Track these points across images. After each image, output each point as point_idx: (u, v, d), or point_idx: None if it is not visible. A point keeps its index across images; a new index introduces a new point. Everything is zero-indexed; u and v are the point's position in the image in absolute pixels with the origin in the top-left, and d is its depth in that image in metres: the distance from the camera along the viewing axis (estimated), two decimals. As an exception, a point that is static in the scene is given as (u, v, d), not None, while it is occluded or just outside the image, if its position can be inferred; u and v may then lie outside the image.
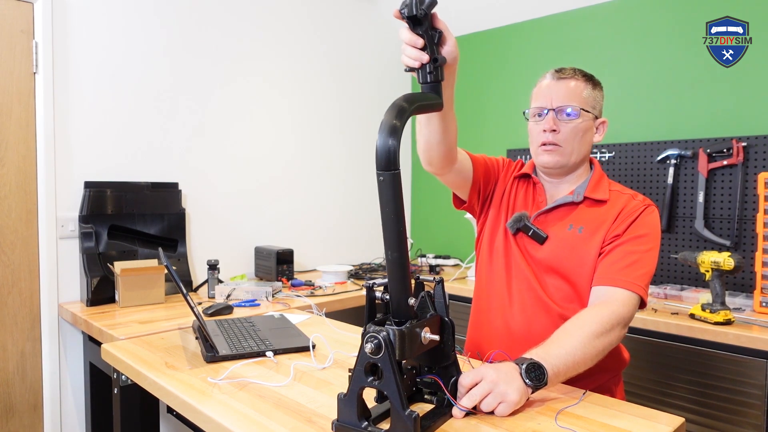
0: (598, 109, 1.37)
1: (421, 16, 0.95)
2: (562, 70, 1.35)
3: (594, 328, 1.11)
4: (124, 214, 2.26)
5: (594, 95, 1.35)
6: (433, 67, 1.01)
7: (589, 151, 1.38)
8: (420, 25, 0.98)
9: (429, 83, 1.02)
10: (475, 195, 1.44)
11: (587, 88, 1.34)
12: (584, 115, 1.32)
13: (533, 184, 1.42)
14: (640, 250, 1.23)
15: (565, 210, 1.35)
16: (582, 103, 1.32)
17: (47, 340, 2.15)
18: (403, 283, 0.90)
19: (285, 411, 1.05)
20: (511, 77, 3.08)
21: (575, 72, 1.35)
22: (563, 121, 1.31)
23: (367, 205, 3.36)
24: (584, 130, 1.33)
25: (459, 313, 2.54)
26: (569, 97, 1.31)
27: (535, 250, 1.34)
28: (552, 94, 1.33)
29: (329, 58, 3.13)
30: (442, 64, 1.02)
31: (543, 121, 1.33)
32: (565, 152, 1.32)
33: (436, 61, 1.01)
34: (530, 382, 1.00)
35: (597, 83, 1.37)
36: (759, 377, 1.75)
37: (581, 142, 1.33)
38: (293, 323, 1.69)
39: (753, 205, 2.22)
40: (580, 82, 1.34)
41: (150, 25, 2.39)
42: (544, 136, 1.32)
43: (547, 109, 1.32)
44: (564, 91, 1.32)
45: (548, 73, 1.37)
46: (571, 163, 1.34)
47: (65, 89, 2.16)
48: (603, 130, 1.38)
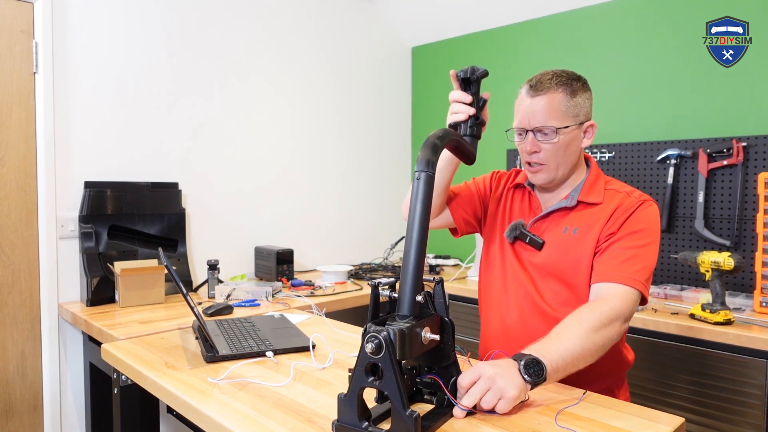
0: (583, 115, 1.30)
1: (473, 80, 1.20)
2: (537, 84, 1.28)
3: (592, 323, 1.11)
4: (124, 214, 2.26)
5: (575, 103, 1.28)
6: (474, 122, 1.19)
7: (577, 159, 1.34)
8: (469, 89, 1.21)
9: (467, 136, 1.20)
10: (465, 224, 1.49)
11: (565, 99, 1.27)
12: (563, 131, 1.27)
13: (528, 193, 1.43)
14: (637, 245, 1.23)
15: (560, 214, 1.35)
16: (560, 119, 1.26)
17: (47, 340, 2.15)
18: (416, 279, 0.93)
19: (285, 411, 1.05)
20: (511, 77, 3.08)
21: (551, 81, 1.27)
22: (542, 142, 1.28)
23: (367, 204, 3.36)
24: (566, 144, 1.29)
25: (459, 313, 2.54)
26: (546, 117, 1.26)
27: (532, 256, 1.35)
28: (528, 113, 1.28)
29: (329, 59, 3.13)
30: (483, 123, 1.20)
31: (524, 143, 1.32)
32: (550, 169, 1.31)
33: (478, 119, 1.19)
34: (529, 378, 1.00)
35: (578, 88, 1.29)
36: (759, 377, 1.75)
37: (566, 155, 1.30)
38: (293, 323, 1.69)
39: (753, 205, 2.22)
40: (558, 94, 1.26)
41: (150, 25, 2.39)
42: (527, 156, 1.32)
43: (525, 130, 1.30)
44: (540, 109, 1.26)
45: (524, 86, 1.31)
46: (560, 177, 1.33)
47: (65, 89, 2.16)
48: (592, 133, 1.33)
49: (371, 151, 3.38)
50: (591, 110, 1.34)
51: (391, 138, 3.47)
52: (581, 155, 1.37)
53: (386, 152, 3.44)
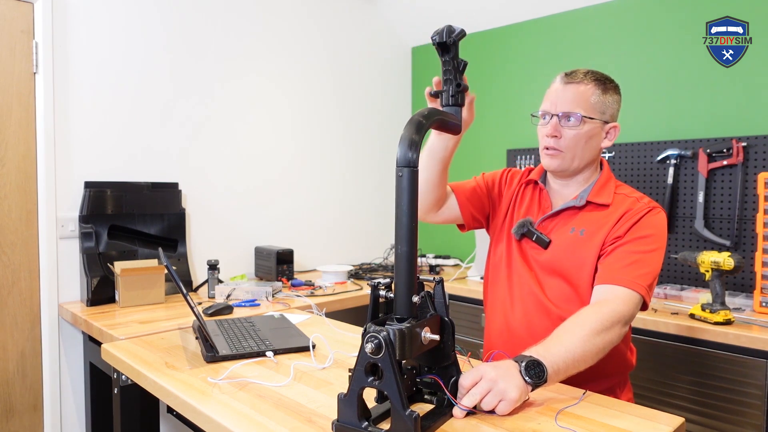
0: (609, 114, 1.33)
1: (450, 44, 1.07)
2: (573, 73, 1.32)
3: (594, 325, 1.12)
4: (124, 214, 2.26)
5: (604, 100, 1.31)
6: (455, 91, 1.10)
7: (595, 156, 1.36)
8: (448, 53, 1.10)
9: (450, 105, 1.12)
10: (472, 220, 1.49)
11: (596, 93, 1.30)
12: (588, 122, 1.30)
13: (539, 190, 1.43)
14: (643, 251, 1.23)
15: (568, 214, 1.36)
16: (588, 109, 1.29)
17: (47, 340, 2.15)
18: (410, 279, 0.91)
19: (285, 411, 1.05)
20: (511, 77, 3.08)
21: (586, 75, 1.31)
22: (566, 128, 1.30)
23: (367, 204, 3.36)
24: (588, 137, 1.30)
25: (459, 313, 2.55)
26: (574, 104, 1.29)
27: (538, 254, 1.36)
28: (558, 99, 1.31)
29: (329, 59, 3.13)
30: (464, 89, 1.11)
31: (547, 126, 1.33)
32: (566, 157, 1.32)
33: (459, 86, 1.10)
34: (530, 380, 1.00)
35: (610, 87, 1.33)
36: (759, 377, 1.75)
37: (585, 148, 1.31)
38: (293, 323, 1.69)
39: (753, 205, 2.22)
40: (590, 86, 1.30)
41: (150, 25, 2.39)
42: (547, 141, 1.32)
43: (551, 114, 1.32)
44: (570, 96, 1.30)
45: (559, 75, 1.35)
46: (573, 168, 1.34)
47: (65, 89, 2.16)
48: (614, 135, 1.35)
49: (371, 151, 3.38)
50: (618, 114, 1.36)
51: (391, 138, 3.46)
52: (599, 155, 1.38)
53: (386, 152, 3.43)
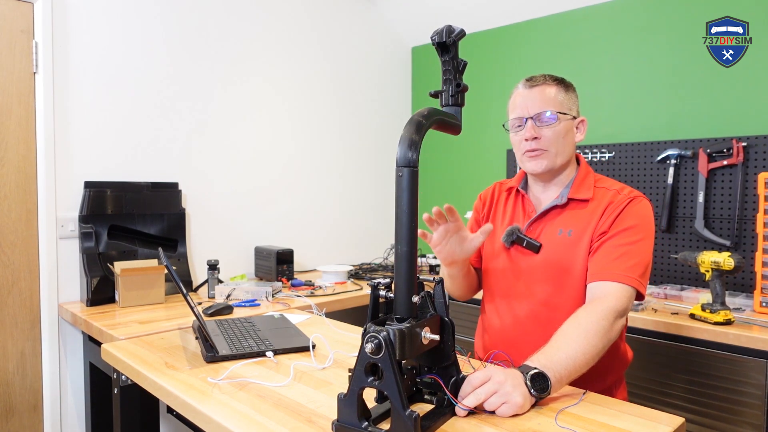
0: (575, 110, 1.39)
1: (450, 44, 1.05)
2: (532, 78, 1.38)
3: (591, 327, 1.12)
4: (124, 214, 2.26)
5: (568, 98, 1.36)
6: (455, 91, 1.08)
7: (572, 152, 1.39)
8: (447, 53, 1.07)
9: (450, 105, 1.10)
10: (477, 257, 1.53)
11: (560, 92, 1.35)
12: (562, 118, 1.34)
13: (521, 197, 1.45)
14: (629, 242, 1.24)
15: (553, 214, 1.37)
16: (558, 106, 1.34)
17: (47, 340, 2.15)
18: (409, 279, 0.92)
19: (285, 411, 1.05)
20: (511, 77, 3.08)
21: (546, 78, 1.37)
22: (543, 127, 1.33)
23: (366, 205, 3.36)
24: (565, 132, 1.34)
25: (459, 313, 2.55)
26: (544, 104, 1.33)
27: (530, 259, 1.37)
28: (527, 102, 1.35)
29: (329, 59, 3.13)
30: (464, 88, 1.10)
31: (523, 131, 1.35)
32: (550, 155, 1.34)
33: (459, 86, 1.08)
34: (535, 392, 1.01)
35: (569, 85, 1.39)
36: (759, 377, 1.75)
37: (564, 143, 1.34)
38: (293, 323, 1.69)
39: (753, 205, 2.22)
40: (553, 87, 1.35)
41: (150, 25, 2.39)
42: (527, 144, 1.34)
43: (525, 118, 1.34)
44: (539, 98, 1.34)
45: (519, 83, 1.40)
46: (558, 165, 1.36)
47: (65, 89, 2.16)
48: (583, 129, 1.40)
49: (371, 151, 3.38)
50: (579, 111, 1.41)
51: (391, 138, 3.47)
52: (574, 150, 1.41)
53: (386, 152, 3.44)
